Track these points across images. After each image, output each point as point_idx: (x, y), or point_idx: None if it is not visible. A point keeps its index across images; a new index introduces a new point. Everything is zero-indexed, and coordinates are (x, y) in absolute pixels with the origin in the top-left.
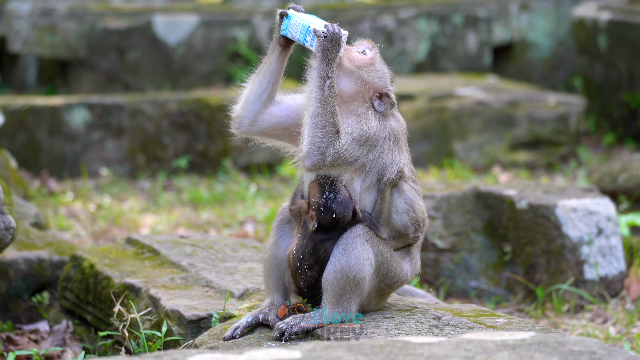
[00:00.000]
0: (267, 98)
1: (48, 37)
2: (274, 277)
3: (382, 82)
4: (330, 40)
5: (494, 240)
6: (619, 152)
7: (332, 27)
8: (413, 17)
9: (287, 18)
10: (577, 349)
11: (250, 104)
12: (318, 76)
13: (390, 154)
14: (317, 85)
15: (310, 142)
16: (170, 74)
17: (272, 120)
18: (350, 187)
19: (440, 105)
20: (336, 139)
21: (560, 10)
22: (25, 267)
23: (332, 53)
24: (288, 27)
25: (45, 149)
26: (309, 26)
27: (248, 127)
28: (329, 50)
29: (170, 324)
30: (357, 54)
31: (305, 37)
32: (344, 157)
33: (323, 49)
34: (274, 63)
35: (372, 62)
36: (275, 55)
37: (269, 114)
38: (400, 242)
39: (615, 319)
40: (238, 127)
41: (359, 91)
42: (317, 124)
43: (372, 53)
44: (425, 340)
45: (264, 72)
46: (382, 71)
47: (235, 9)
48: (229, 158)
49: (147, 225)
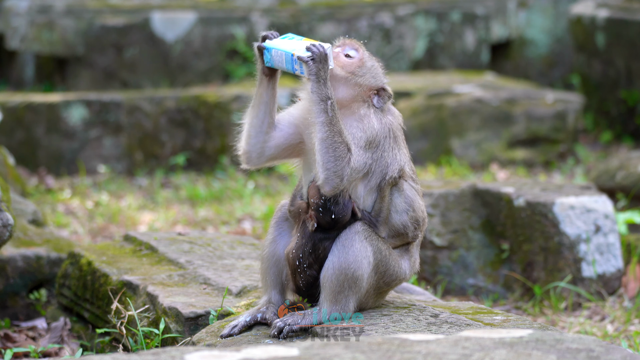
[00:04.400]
0: (267, 127)
1: (46, 34)
2: (271, 274)
3: (376, 80)
4: (318, 61)
5: (491, 238)
6: (616, 149)
7: (316, 48)
8: (411, 14)
9: (266, 50)
10: (575, 347)
11: (254, 139)
12: (319, 100)
13: (391, 153)
14: (320, 109)
15: (326, 168)
16: (168, 71)
17: (277, 145)
18: (354, 191)
19: (438, 102)
20: (349, 157)
21: (558, 7)
22: (22, 264)
23: (325, 72)
24: (271, 58)
25: (43, 146)
26: (292, 54)
27: (257, 160)
28: (320, 70)
29: (167, 321)
30: (345, 60)
31: (293, 65)
32: (358, 170)
33: (315, 72)
34: (265, 94)
35: (362, 64)
36: (264, 87)
37: (273, 140)
38: (399, 241)
39: (613, 317)
40: (247, 162)
41: (357, 95)
42: (328, 148)
43: (360, 53)
44: (423, 337)
45: (258, 105)
46: (373, 68)
47: (233, 6)
48: (227, 155)
49: (144, 222)
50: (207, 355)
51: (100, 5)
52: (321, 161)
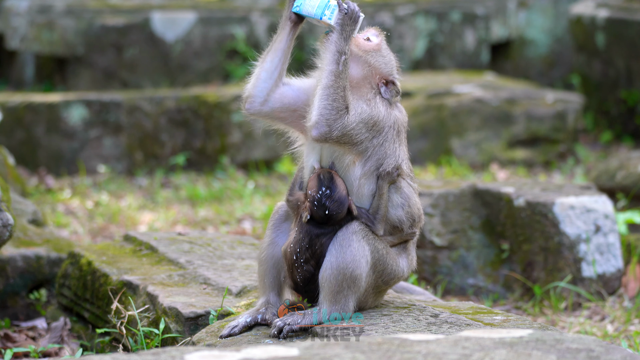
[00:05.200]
0: (278, 76)
1: (46, 34)
2: (270, 276)
3: (388, 69)
4: (350, 16)
5: (491, 238)
6: (616, 149)
7: (353, 5)
8: (411, 14)
9: None
10: (575, 347)
11: (263, 82)
12: (335, 50)
13: (392, 145)
14: (334, 59)
15: (320, 113)
16: (168, 71)
17: (283, 101)
18: (351, 171)
19: (438, 102)
20: (345, 113)
21: (558, 7)
22: (22, 264)
23: (350, 30)
24: (303, 3)
25: (43, 145)
26: (328, 0)
27: (259, 107)
28: (347, 26)
29: (167, 321)
30: (363, 41)
31: (324, 11)
32: (351, 135)
33: (342, 24)
34: (285, 40)
35: (378, 48)
36: (285, 32)
37: (280, 94)
38: (396, 238)
39: (613, 317)
40: (249, 106)
41: (367, 76)
42: (328, 96)
43: (379, 39)
44: (423, 337)
45: (275, 50)
46: (388, 57)
47: (233, 6)
48: (227, 155)
49: (144, 222)
50: (207, 355)
51: (100, 5)
52: (317, 105)
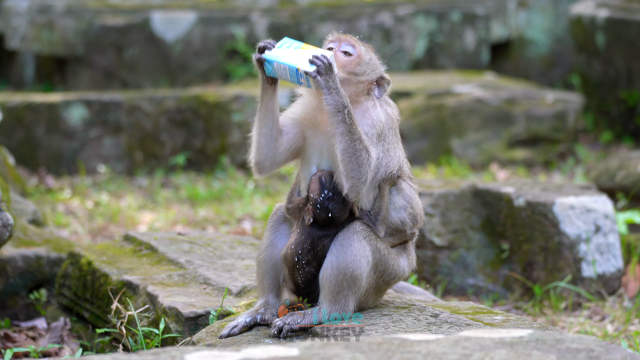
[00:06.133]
0: (276, 134)
1: (46, 33)
2: (269, 278)
3: (376, 72)
4: (325, 73)
5: (491, 238)
6: (616, 149)
7: (320, 60)
8: (411, 14)
9: (267, 62)
10: (575, 347)
11: (265, 147)
12: (335, 110)
13: (394, 147)
14: (339, 120)
15: (351, 177)
16: (168, 71)
17: (286, 149)
18: None
19: (438, 102)
20: (368, 157)
21: (558, 7)
22: (22, 264)
23: (334, 82)
24: (273, 70)
25: (43, 145)
26: (296, 68)
27: (270, 168)
28: (329, 81)
29: (167, 321)
30: (344, 58)
31: (298, 79)
32: (377, 168)
33: (325, 85)
34: (271, 102)
35: (360, 60)
36: (269, 95)
37: (282, 145)
38: (397, 239)
39: (613, 317)
40: (261, 172)
41: (359, 90)
42: (351, 157)
43: (357, 49)
44: (423, 337)
45: (266, 112)
46: (372, 62)
47: (233, 5)
48: (227, 155)
49: (144, 222)
50: (207, 355)
51: (100, 5)
52: (345, 170)
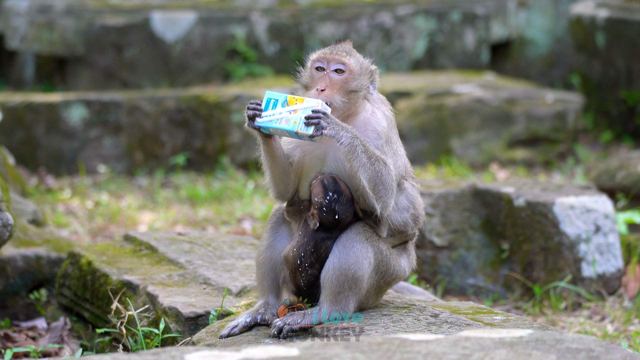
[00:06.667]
0: (287, 167)
1: (46, 33)
2: (269, 279)
3: (367, 74)
4: (326, 125)
5: (491, 238)
6: (616, 149)
7: (313, 117)
8: (411, 14)
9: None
10: (575, 347)
11: (281, 184)
12: (351, 147)
13: (397, 145)
14: (355, 155)
15: (380, 197)
16: (168, 71)
17: (296, 174)
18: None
19: (438, 102)
20: (390, 173)
21: (558, 7)
22: (22, 264)
23: (335, 123)
24: (272, 132)
25: (43, 145)
26: (295, 132)
27: (289, 193)
28: (332, 126)
29: (167, 321)
30: (338, 77)
31: (300, 137)
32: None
33: (330, 132)
34: (276, 150)
35: (353, 74)
36: (272, 147)
37: (293, 173)
38: (398, 239)
39: (613, 317)
40: (282, 201)
41: (360, 100)
42: (376, 181)
43: (347, 64)
44: (423, 337)
45: (273, 161)
46: (362, 68)
47: (233, 5)
48: (227, 155)
49: (144, 222)
50: (207, 355)
51: (100, 5)
52: (374, 195)
